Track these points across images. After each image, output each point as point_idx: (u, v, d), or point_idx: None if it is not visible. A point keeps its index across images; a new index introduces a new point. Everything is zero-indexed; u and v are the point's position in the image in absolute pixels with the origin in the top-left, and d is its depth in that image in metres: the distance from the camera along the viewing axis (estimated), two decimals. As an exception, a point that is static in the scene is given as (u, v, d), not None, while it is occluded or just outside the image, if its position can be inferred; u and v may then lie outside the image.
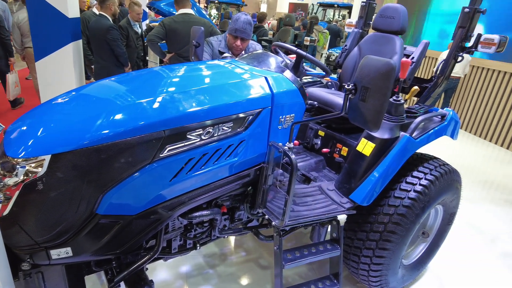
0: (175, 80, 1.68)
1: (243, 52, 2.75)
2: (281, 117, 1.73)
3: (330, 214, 1.89)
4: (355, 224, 2.07)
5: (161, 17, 7.25)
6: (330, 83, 2.96)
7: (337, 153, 2.33)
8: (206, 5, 14.60)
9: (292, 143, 1.68)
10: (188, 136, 1.44)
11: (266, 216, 1.81)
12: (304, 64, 1.98)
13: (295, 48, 1.88)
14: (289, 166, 1.62)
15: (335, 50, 9.85)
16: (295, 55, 1.91)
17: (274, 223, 1.74)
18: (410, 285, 2.52)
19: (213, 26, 3.97)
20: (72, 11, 3.75)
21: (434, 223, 2.46)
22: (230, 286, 2.36)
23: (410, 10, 4.63)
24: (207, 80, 1.72)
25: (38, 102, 4.78)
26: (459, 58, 2.28)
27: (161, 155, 1.38)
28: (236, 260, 2.62)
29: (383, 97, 1.41)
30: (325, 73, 2.06)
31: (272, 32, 8.80)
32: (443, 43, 6.82)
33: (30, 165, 1.22)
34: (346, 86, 1.49)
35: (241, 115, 1.58)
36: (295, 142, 2.35)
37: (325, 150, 2.38)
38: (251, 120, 1.62)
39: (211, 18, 12.55)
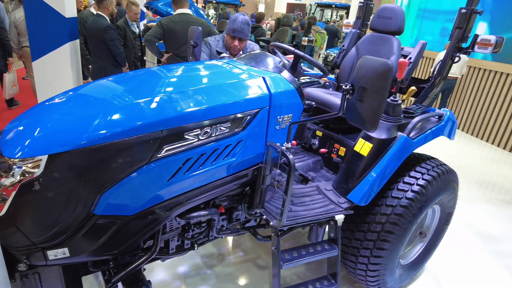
0: (173, 80, 1.68)
1: (241, 52, 2.75)
2: (279, 117, 1.73)
3: (327, 214, 1.89)
4: (353, 224, 2.08)
5: (158, 17, 7.25)
6: (327, 84, 2.96)
7: (334, 153, 2.33)
8: (204, 5, 14.60)
9: (290, 143, 1.68)
10: (185, 136, 1.44)
11: (264, 216, 1.81)
12: (301, 64, 1.98)
13: (293, 48, 1.88)
14: (287, 166, 1.62)
15: (333, 51, 9.87)
16: (293, 55, 1.91)
17: (272, 223, 1.74)
18: (407, 284, 2.53)
19: (211, 26, 3.97)
20: (69, 11, 3.73)
21: (432, 223, 2.47)
22: (228, 286, 2.35)
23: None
24: (205, 80, 1.72)
25: (35, 102, 4.76)
26: (456, 59, 2.29)
27: (158, 155, 1.38)
28: (234, 260, 2.61)
29: (381, 97, 1.41)
30: (322, 73, 2.06)
31: (270, 32, 8.80)
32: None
33: (27, 165, 1.21)
34: (344, 87, 1.50)
35: (239, 115, 1.58)
36: (293, 142, 2.36)
37: (322, 150, 2.38)
38: (249, 120, 1.62)
39: (209, 18, 12.55)
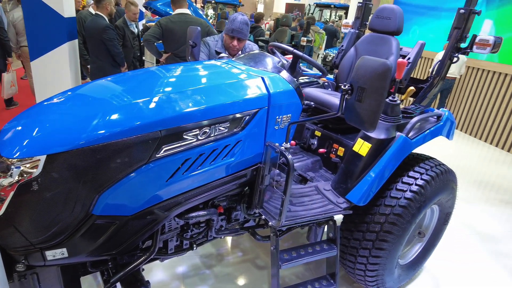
0: (172, 80, 1.68)
1: (240, 52, 2.75)
2: (277, 117, 1.73)
3: (326, 214, 1.89)
4: (352, 224, 2.08)
5: (157, 17, 7.24)
6: (326, 84, 2.97)
7: (333, 153, 2.34)
8: (202, 5, 14.57)
9: (288, 143, 1.68)
10: (184, 136, 1.43)
11: (263, 216, 1.81)
12: (300, 64, 1.98)
13: (292, 48, 1.87)
14: (286, 166, 1.62)
15: (332, 51, 9.88)
16: (292, 56, 1.91)
17: (270, 223, 1.74)
18: (406, 284, 2.53)
19: (209, 26, 3.97)
20: (67, 11, 3.73)
21: (430, 223, 2.48)
22: (226, 287, 2.35)
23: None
24: (204, 80, 1.72)
25: (33, 101, 4.75)
26: (455, 59, 2.30)
27: (157, 155, 1.37)
28: (232, 260, 2.61)
29: (380, 97, 1.41)
30: (321, 73, 2.06)
31: (269, 32, 8.80)
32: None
33: (25, 165, 1.21)
34: (343, 87, 1.50)
35: (237, 115, 1.58)
36: (292, 142, 2.35)
37: (321, 150, 2.38)
38: (248, 120, 1.62)
39: (208, 18, 12.54)
